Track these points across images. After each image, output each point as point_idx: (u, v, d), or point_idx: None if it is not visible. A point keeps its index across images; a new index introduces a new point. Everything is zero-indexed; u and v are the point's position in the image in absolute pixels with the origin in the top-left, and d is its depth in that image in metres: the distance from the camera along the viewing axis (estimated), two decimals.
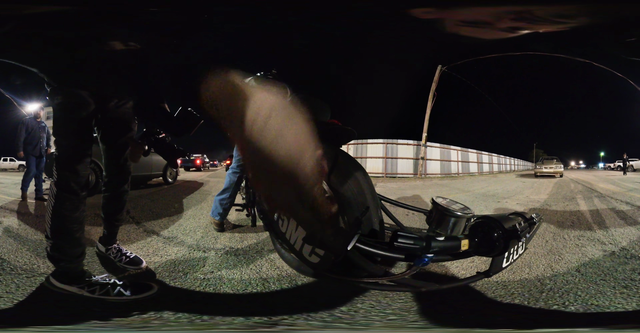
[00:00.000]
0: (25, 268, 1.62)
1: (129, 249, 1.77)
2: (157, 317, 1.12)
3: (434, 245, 0.88)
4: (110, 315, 1.13)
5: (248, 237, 2.34)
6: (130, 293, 1.26)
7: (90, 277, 1.32)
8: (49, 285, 1.28)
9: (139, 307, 1.20)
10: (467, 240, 0.93)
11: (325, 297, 1.32)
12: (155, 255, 1.89)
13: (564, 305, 1.21)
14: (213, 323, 1.10)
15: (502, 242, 0.94)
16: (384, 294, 1.31)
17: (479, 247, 0.95)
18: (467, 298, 1.29)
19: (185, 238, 2.32)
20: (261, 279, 1.52)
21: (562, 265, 1.69)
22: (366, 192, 1.17)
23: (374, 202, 1.17)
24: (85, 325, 1.06)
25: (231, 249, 2.03)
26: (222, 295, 1.33)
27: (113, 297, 1.24)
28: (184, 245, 2.14)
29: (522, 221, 1.02)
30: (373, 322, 1.09)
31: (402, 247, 0.91)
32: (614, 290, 1.34)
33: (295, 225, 1.09)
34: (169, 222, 2.91)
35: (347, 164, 1.23)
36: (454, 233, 0.91)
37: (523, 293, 1.34)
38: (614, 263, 1.72)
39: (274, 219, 1.22)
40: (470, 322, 1.10)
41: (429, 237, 0.90)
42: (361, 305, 1.23)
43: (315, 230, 0.99)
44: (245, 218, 2.68)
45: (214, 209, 2.43)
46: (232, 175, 2.38)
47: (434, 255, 0.89)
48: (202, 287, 1.42)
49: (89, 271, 1.38)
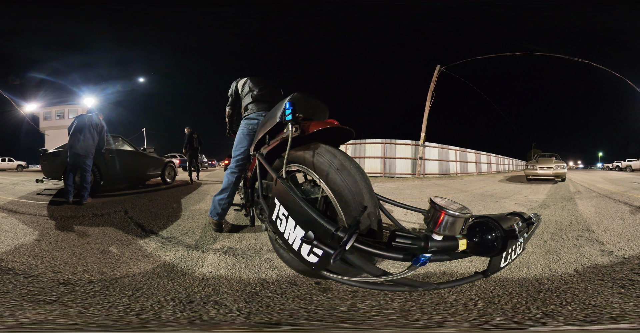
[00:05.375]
0: (22, 269, 1.61)
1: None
2: (155, 317, 1.12)
3: (432, 245, 0.88)
4: (109, 315, 1.12)
5: (247, 236, 2.34)
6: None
7: None
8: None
9: (138, 307, 1.20)
10: (465, 240, 0.93)
11: (324, 297, 1.32)
12: (154, 255, 1.88)
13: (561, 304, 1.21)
14: (213, 323, 1.09)
15: (500, 242, 0.94)
16: (383, 294, 1.31)
17: (477, 246, 0.95)
18: (465, 297, 1.29)
19: (183, 238, 2.32)
20: (260, 279, 1.52)
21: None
22: (364, 191, 1.17)
23: (372, 201, 1.17)
24: (84, 325, 1.05)
25: (230, 249, 2.03)
26: (221, 296, 1.32)
27: None
28: (182, 245, 2.13)
29: (520, 221, 1.02)
30: (374, 322, 1.10)
31: (400, 247, 0.91)
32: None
33: (293, 225, 1.09)
34: (167, 221, 2.90)
35: (345, 163, 1.23)
36: (452, 233, 0.91)
37: (521, 292, 1.34)
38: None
39: (273, 219, 1.22)
40: (469, 321, 1.10)
41: (427, 237, 0.89)
42: (361, 305, 1.23)
43: (313, 229, 0.99)
44: (244, 218, 2.68)
45: (212, 209, 2.43)
46: (230, 176, 2.37)
47: (432, 255, 0.89)
48: (201, 287, 1.42)
49: None
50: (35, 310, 1.16)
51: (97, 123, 4.22)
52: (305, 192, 1.47)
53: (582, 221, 2.95)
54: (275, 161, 1.60)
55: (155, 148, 7.12)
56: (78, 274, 1.57)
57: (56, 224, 2.72)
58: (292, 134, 1.30)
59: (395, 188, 7.16)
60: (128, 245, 2.12)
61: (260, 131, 1.68)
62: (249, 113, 2.38)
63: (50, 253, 1.91)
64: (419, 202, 4.46)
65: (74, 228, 2.59)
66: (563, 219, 3.05)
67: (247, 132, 2.34)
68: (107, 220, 2.93)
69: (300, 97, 1.48)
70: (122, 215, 3.18)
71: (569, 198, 4.81)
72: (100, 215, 3.20)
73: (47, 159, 5.12)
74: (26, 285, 1.40)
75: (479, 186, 7.60)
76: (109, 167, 5.19)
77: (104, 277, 1.54)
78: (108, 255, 1.88)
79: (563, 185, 7.44)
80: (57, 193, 4.83)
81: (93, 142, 4.14)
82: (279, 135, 1.46)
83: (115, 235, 2.37)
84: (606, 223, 2.82)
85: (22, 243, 2.10)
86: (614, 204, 4.05)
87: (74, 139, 4.00)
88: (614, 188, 6.39)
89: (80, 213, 3.29)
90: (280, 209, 1.17)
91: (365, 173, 1.25)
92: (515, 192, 5.88)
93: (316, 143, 1.33)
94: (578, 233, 2.46)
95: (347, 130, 1.42)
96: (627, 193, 5.44)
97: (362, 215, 1.11)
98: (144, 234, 2.43)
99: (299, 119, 1.35)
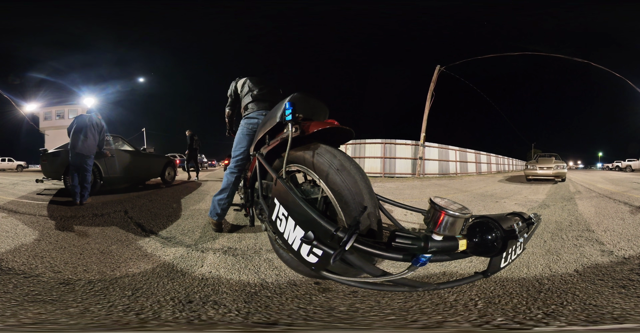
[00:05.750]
0: (23, 268, 1.61)
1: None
2: (154, 317, 1.12)
3: (432, 245, 0.88)
4: (108, 315, 1.12)
5: (246, 237, 2.34)
6: None
7: None
8: None
9: (138, 307, 1.20)
10: (465, 240, 0.92)
11: (323, 297, 1.32)
12: (154, 255, 1.88)
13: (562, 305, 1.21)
14: (211, 323, 1.09)
15: (500, 242, 0.93)
16: (383, 294, 1.31)
17: (477, 247, 0.95)
18: (466, 298, 1.29)
19: (183, 238, 2.32)
20: (259, 279, 1.52)
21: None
22: (364, 192, 1.17)
23: (372, 202, 1.17)
24: (83, 325, 1.05)
25: (229, 249, 2.03)
26: (220, 296, 1.32)
27: None
28: (182, 245, 2.13)
29: (520, 221, 1.02)
30: (372, 323, 1.09)
31: (400, 247, 0.91)
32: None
33: (293, 225, 1.09)
34: (167, 221, 2.90)
35: (345, 163, 1.23)
36: (452, 233, 0.91)
37: (521, 293, 1.34)
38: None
39: (273, 219, 1.22)
40: (469, 322, 1.10)
41: (427, 237, 0.89)
42: (360, 305, 1.23)
43: (313, 229, 0.99)
44: (244, 218, 2.68)
45: (212, 209, 2.43)
46: (229, 176, 2.37)
47: (432, 255, 0.89)
48: (200, 287, 1.42)
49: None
50: (36, 310, 1.16)
51: (96, 123, 4.21)
52: (305, 192, 1.47)
53: (582, 221, 2.95)
54: (275, 161, 1.60)
55: (155, 148, 7.15)
56: (78, 274, 1.57)
57: (56, 224, 2.72)
58: (292, 134, 1.30)
59: (395, 188, 7.16)
60: (128, 245, 2.11)
61: (260, 131, 1.68)
62: (249, 112, 2.37)
63: (51, 253, 1.91)
64: (418, 202, 4.45)
65: (74, 228, 2.59)
66: (563, 219, 3.05)
67: (247, 132, 2.33)
68: (107, 220, 2.93)
69: (301, 97, 1.48)
70: (122, 215, 3.18)
71: (568, 198, 4.81)
72: (100, 215, 3.20)
73: (47, 159, 5.12)
74: (27, 285, 1.40)
75: (479, 186, 7.60)
76: (109, 167, 5.19)
77: (104, 276, 1.54)
78: (108, 255, 1.88)
79: (563, 185, 7.44)
80: (57, 193, 4.83)
81: (94, 141, 4.14)
82: (279, 135, 1.45)
83: (115, 235, 2.37)
84: (606, 224, 2.82)
85: (22, 243, 2.10)
86: (614, 204, 4.05)
87: (75, 138, 3.99)
88: (614, 188, 6.39)
89: (80, 213, 3.29)
90: (280, 209, 1.17)
91: (365, 174, 1.25)
92: (515, 192, 5.88)
93: (316, 143, 1.33)
94: (578, 233, 2.46)
95: (347, 131, 1.42)
96: (627, 193, 5.44)
97: (362, 215, 1.11)
98: (144, 234, 2.43)
99: (299, 119, 1.35)
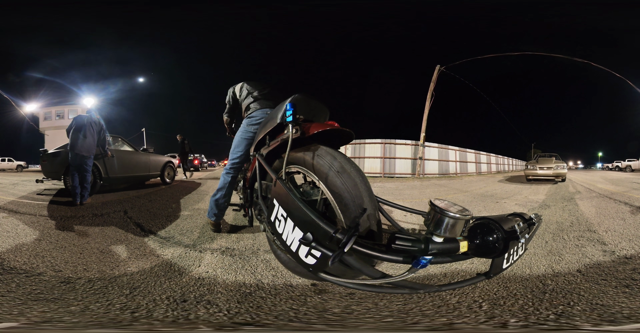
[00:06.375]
0: (24, 268, 1.61)
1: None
2: (149, 315, 1.12)
3: (432, 247, 0.87)
4: (106, 313, 1.12)
5: (245, 237, 2.33)
6: None
7: None
8: None
9: (134, 305, 1.19)
10: (466, 242, 0.92)
11: (318, 298, 1.31)
12: (152, 254, 1.88)
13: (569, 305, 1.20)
14: (202, 322, 1.09)
15: (502, 243, 0.93)
16: (381, 296, 1.30)
17: (479, 248, 0.94)
18: (469, 299, 1.29)
19: (182, 238, 2.32)
20: (255, 280, 1.51)
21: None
22: (364, 194, 1.16)
23: (371, 203, 1.16)
24: (82, 325, 1.05)
25: (227, 249, 2.02)
26: (215, 295, 1.32)
27: None
28: (180, 244, 2.13)
29: (521, 222, 1.01)
30: (366, 325, 1.09)
31: (400, 249, 0.90)
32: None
33: (292, 226, 1.08)
34: (166, 221, 2.90)
35: (345, 166, 1.22)
36: (452, 235, 0.90)
37: (526, 294, 1.33)
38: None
39: (271, 220, 1.21)
40: (472, 324, 1.09)
41: (427, 239, 0.88)
42: (356, 307, 1.22)
43: (312, 231, 0.98)
44: (243, 218, 2.68)
45: (209, 210, 2.42)
46: (226, 176, 2.36)
47: (433, 257, 0.88)
48: (196, 286, 1.42)
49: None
50: (40, 308, 1.16)
51: (96, 122, 4.21)
52: (304, 193, 1.47)
53: (583, 221, 2.94)
54: (275, 162, 1.60)
55: (154, 148, 7.14)
56: (78, 273, 1.58)
57: (56, 224, 2.72)
58: (293, 135, 1.29)
59: (395, 188, 7.15)
60: (127, 244, 2.11)
61: (261, 132, 1.67)
62: (251, 112, 2.31)
63: (51, 252, 1.91)
64: (418, 203, 4.44)
65: (74, 228, 2.58)
66: (564, 220, 3.04)
67: (246, 136, 2.29)
68: (106, 220, 2.93)
69: (301, 98, 1.47)
70: (122, 215, 3.18)
71: (569, 198, 4.80)
72: (100, 215, 3.20)
73: (47, 159, 5.11)
74: (29, 284, 1.41)
75: (479, 186, 7.59)
76: (109, 167, 5.18)
77: (104, 275, 1.55)
78: (107, 255, 1.88)
79: (563, 186, 7.43)
80: (57, 193, 4.82)
81: (93, 141, 4.13)
82: (279, 136, 1.45)
83: (114, 235, 2.37)
84: (607, 224, 2.81)
85: (23, 243, 2.10)
86: (615, 204, 4.04)
87: (75, 138, 3.98)
88: (614, 189, 6.38)
89: (80, 213, 3.28)
90: (279, 210, 1.16)
91: (365, 176, 1.24)
92: (515, 193, 5.87)
93: (316, 145, 1.32)
94: (579, 233, 2.46)
95: (348, 132, 1.41)
96: (628, 193, 5.43)
97: (362, 217, 1.10)
98: (143, 234, 2.43)
99: (299, 120, 1.34)
